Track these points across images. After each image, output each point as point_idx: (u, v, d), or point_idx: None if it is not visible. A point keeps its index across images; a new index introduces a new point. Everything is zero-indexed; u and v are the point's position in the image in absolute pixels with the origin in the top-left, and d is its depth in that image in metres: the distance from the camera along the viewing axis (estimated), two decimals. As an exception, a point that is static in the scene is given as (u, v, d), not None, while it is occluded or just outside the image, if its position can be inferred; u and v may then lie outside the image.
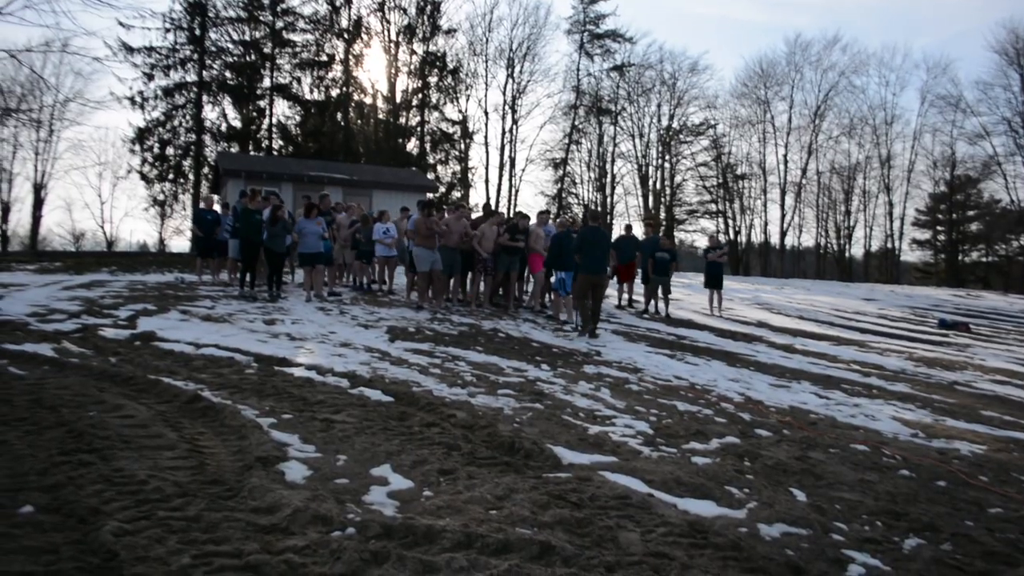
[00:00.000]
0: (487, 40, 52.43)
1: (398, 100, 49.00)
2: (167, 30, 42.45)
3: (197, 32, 43.09)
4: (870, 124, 56.24)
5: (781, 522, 4.08)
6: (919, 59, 75.21)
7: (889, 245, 56.73)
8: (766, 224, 57.97)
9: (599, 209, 50.20)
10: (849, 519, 4.25)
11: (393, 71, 49.07)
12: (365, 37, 48.18)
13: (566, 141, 54.71)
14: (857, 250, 59.14)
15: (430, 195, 29.85)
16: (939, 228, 58.39)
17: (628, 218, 55.23)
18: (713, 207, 57.69)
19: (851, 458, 5.61)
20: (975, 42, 76.54)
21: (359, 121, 47.74)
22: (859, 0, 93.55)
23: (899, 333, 17.40)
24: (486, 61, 52.32)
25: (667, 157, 57.08)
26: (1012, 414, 7.97)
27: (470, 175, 51.89)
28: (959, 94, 54.94)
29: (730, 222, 56.71)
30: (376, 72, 59.10)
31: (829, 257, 58.25)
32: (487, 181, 52.76)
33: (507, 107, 52.81)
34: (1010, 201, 54.65)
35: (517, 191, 53.81)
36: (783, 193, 56.14)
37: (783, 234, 56.02)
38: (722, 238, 44.91)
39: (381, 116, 48.40)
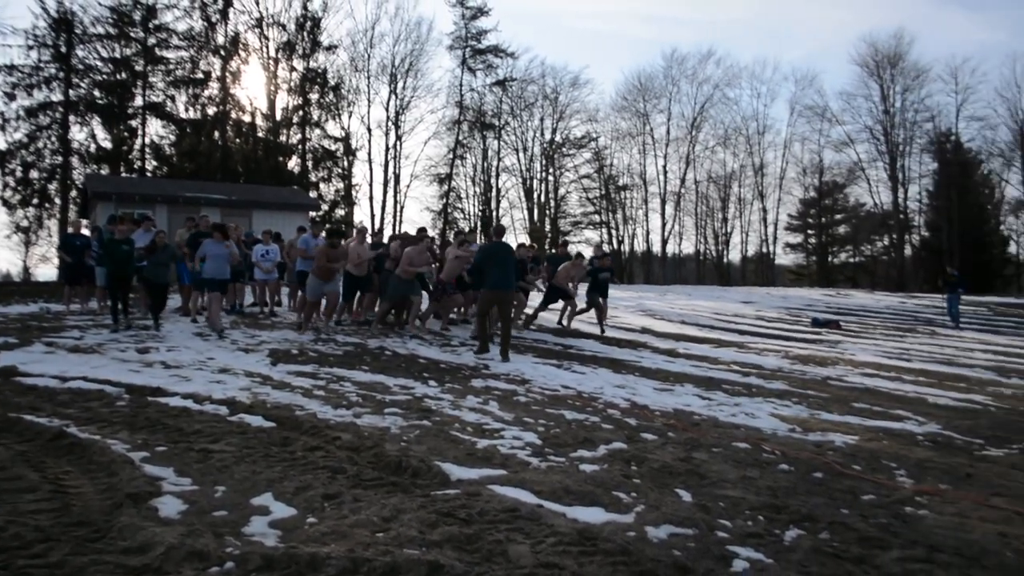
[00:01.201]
0: (369, 56, 52.10)
1: (278, 118, 48.16)
2: (30, 47, 40.49)
3: (63, 49, 41.08)
4: (744, 134, 58.96)
5: (668, 523, 4.19)
6: (788, 72, 79.94)
7: (764, 249, 59.44)
8: (648, 233, 59.78)
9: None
10: (733, 515, 4.41)
11: (272, 88, 48.23)
12: (243, 54, 47.21)
13: (451, 156, 54.90)
14: (734, 255, 61.77)
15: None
16: (810, 232, 61.63)
17: (514, 232, 55.77)
18: (597, 218, 59.07)
19: (733, 456, 5.83)
20: (839, 55, 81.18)
21: (237, 140, 46.51)
22: (731, 16, 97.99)
23: (775, 333, 18.21)
24: (368, 77, 51.99)
25: (551, 170, 58.13)
26: (881, 404, 8.46)
27: (354, 193, 51.34)
28: (825, 104, 58.44)
29: (613, 232, 58.14)
30: (255, 89, 57.82)
31: (708, 263, 60.51)
32: (371, 198, 52.34)
33: (390, 123, 52.59)
34: (874, 204, 58.34)
35: (402, 208, 53.67)
36: (663, 202, 58.06)
37: (664, 242, 57.87)
38: (606, 247, 45.91)
39: (260, 134, 47.35)
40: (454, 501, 4.36)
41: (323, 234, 13.94)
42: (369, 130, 55.59)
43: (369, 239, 14.61)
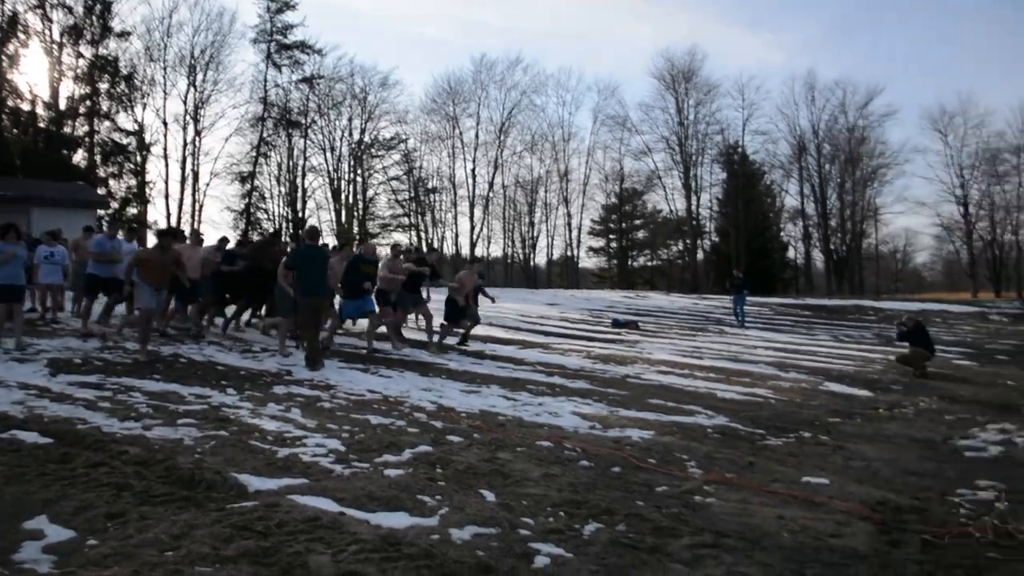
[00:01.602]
0: (165, 46, 49.17)
1: (62, 107, 44.45)
2: None
3: None
4: (550, 140, 60.82)
5: (472, 524, 4.23)
6: (591, 82, 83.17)
7: (569, 253, 61.58)
8: (457, 236, 60.30)
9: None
10: (535, 513, 4.51)
11: (56, 75, 44.50)
12: (22, 36, 43.09)
13: (254, 154, 52.86)
14: (541, 258, 63.53)
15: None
16: (611, 236, 64.55)
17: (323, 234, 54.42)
18: (406, 220, 58.91)
19: (536, 455, 5.97)
20: (639, 68, 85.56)
21: (15, 130, 42.46)
22: (539, 25, 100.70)
23: (579, 334, 18.88)
24: (165, 68, 49.10)
25: (359, 171, 57.34)
26: (674, 400, 8.97)
27: (148, 190, 48.26)
28: (626, 115, 61.33)
29: (423, 235, 58.20)
30: (36, 76, 52.92)
31: (516, 266, 61.92)
32: (167, 196, 49.40)
33: (189, 117, 49.91)
34: (669, 211, 61.98)
35: (201, 207, 50.99)
36: (472, 206, 58.82)
37: (473, 245, 58.57)
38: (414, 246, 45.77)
39: (42, 125, 43.50)
40: (251, 514, 4.19)
41: (123, 235, 12.92)
42: (165, 124, 52.37)
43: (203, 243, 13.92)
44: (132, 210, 46.00)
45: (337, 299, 12.56)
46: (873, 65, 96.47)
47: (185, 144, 49.92)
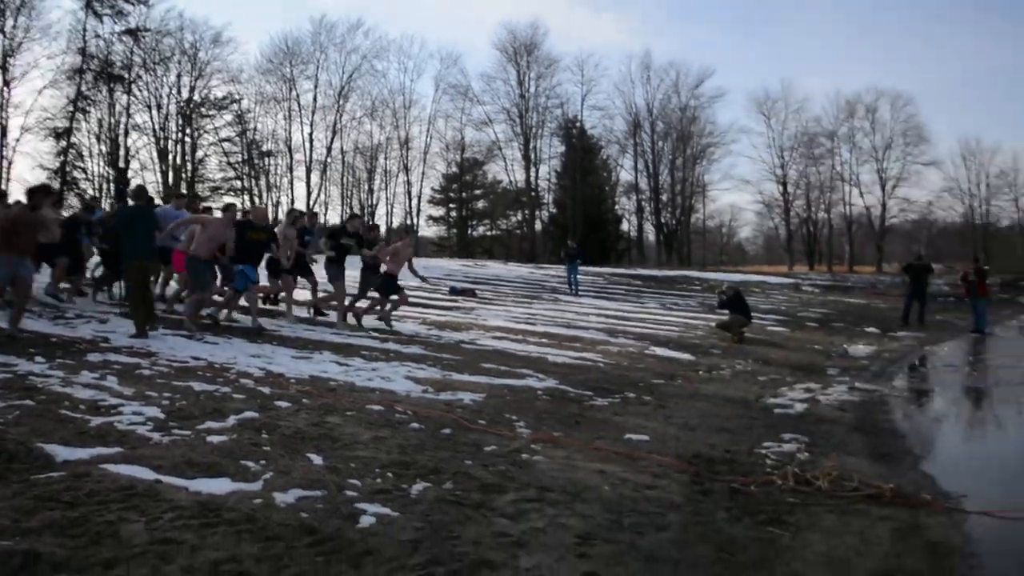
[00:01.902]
0: (-32, -13, 44.41)
1: None
2: None
3: None
4: (391, 107, 59.67)
5: (297, 488, 4.16)
6: (434, 49, 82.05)
7: (408, 221, 61.09)
8: (293, 201, 58.42)
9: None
10: (363, 475, 4.50)
11: None
12: None
13: (70, 109, 48.87)
14: (380, 226, 62.60)
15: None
16: (451, 206, 64.51)
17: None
18: (238, 184, 56.51)
19: (367, 418, 5.95)
20: (482, 39, 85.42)
21: None
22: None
23: (415, 301, 18.84)
24: (-34, 12, 44.37)
25: (188, 131, 54.30)
26: (507, 364, 9.15)
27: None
28: (468, 84, 60.99)
29: (256, 200, 56.07)
30: None
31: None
32: (-31, 153, 44.98)
33: (-5, 67, 45.47)
34: (509, 181, 62.50)
35: (10, 163, 46.80)
36: (309, 171, 57.13)
37: (311, 210, 56.99)
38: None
39: None
40: (58, 484, 3.95)
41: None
42: (-32, 73, 47.87)
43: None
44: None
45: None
46: (706, 49, 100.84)
47: (-10, 95, 45.69)
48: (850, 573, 3.62)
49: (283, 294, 12.91)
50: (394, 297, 12.83)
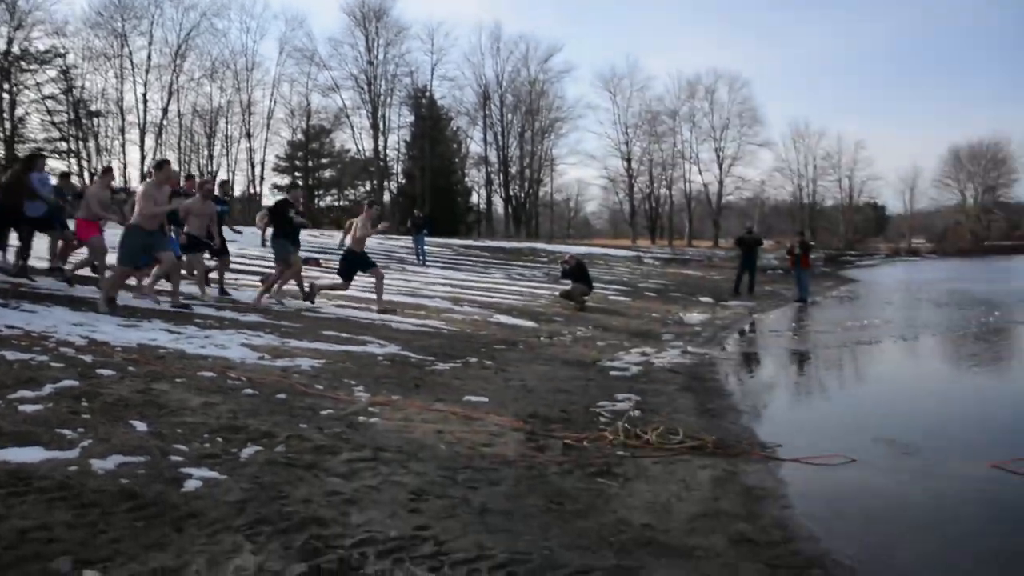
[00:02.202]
0: None
1: None
2: None
3: None
4: (232, 69, 57.18)
5: (118, 454, 3.97)
6: (278, 10, 79.05)
7: (251, 189, 59.03)
8: (125, 166, 55.11)
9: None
10: (190, 440, 4.34)
11: None
12: None
13: None
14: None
15: None
16: (297, 174, 62.74)
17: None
18: (64, 145, 52.67)
19: (197, 385, 5.73)
20: (329, 0, 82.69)
21: None
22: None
23: (257, 270, 18.27)
24: None
25: (6, 86, 50.02)
26: (348, 332, 9.03)
27: None
28: (314, 48, 59.25)
29: (84, 163, 52.54)
30: None
31: (189, 200, 58.13)
32: None
33: None
34: (357, 150, 61.43)
35: None
36: (143, 134, 54.01)
37: (143, 176, 53.98)
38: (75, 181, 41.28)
39: None
40: None
41: None
42: None
43: None
44: None
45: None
46: (556, 23, 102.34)
47: None
48: (671, 516, 3.82)
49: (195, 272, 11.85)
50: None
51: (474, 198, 65.78)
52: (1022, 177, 75.64)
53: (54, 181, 12.48)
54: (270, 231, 12.91)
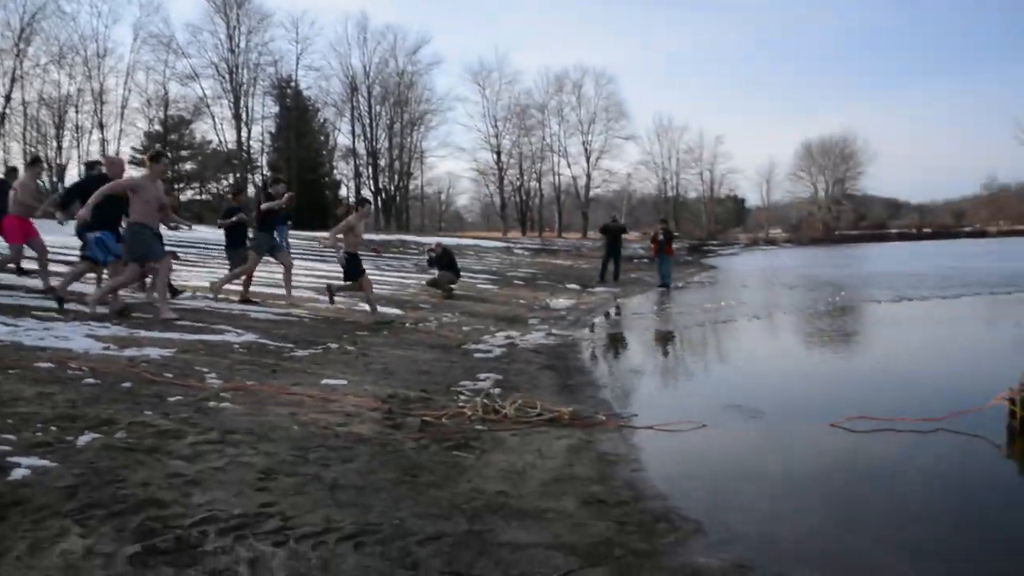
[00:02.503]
0: None
1: None
2: None
3: None
4: (82, 55, 53.93)
5: (-66, 446, 3.69)
6: (134, -7, 74.83)
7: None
8: (-41, 158, 51.36)
9: None
10: (21, 430, 4.07)
11: None
12: None
13: None
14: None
15: None
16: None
17: None
18: None
19: (33, 376, 5.38)
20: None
21: None
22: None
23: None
24: None
25: None
26: (203, 321, 8.69)
27: None
28: (172, 35, 56.47)
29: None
30: None
31: (43, 194, 54.74)
32: None
33: None
34: (219, 142, 59.22)
35: None
36: (-19, 123, 50.39)
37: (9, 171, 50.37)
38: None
39: None
40: None
41: None
42: None
43: None
44: None
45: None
46: (423, 15, 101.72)
47: None
48: (525, 483, 3.86)
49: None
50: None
51: (343, 191, 64.69)
52: (868, 170, 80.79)
53: None
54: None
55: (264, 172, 60.70)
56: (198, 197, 61.48)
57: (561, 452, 4.45)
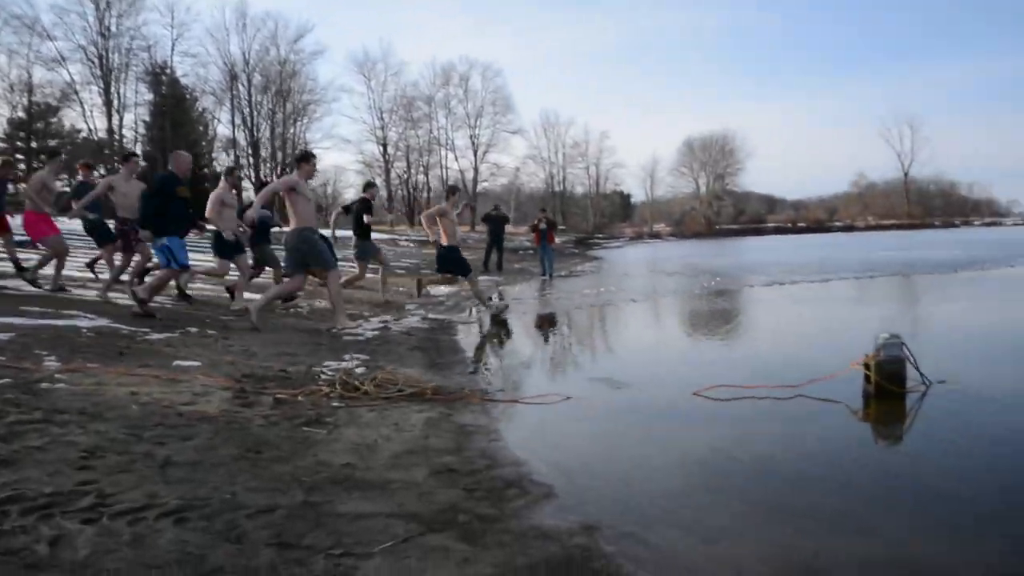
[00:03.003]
0: None
1: None
2: None
3: None
4: (-66, 37, 50.31)
5: None
6: (-12, -28, 70.25)
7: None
8: None
9: None
10: None
11: None
12: None
13: None
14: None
15: None
16: (19, 156, 56.60)
17: None
18: None
19: None
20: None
21: None
22: None
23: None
24: None
25: None
26: (53, 307, 8.12)
27: None
28: (35, 16, 53.09)
29: None
30: None
31: None
32: None
33: None
34: (89, 130, 56.30)
35: None
36: None
37: None
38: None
39: None
40: None
41: None
42: None
43: None
44: None
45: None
46: (306, 3, 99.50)
47: None
48: (376, 455, 3.69)
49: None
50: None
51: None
52: (747, 167, 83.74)
53: None
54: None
55: (140, 162, 58.08)
56: (67, 189, 58.37)
57: (419, 425, 4.29)
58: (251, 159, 60.17)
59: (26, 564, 2.34)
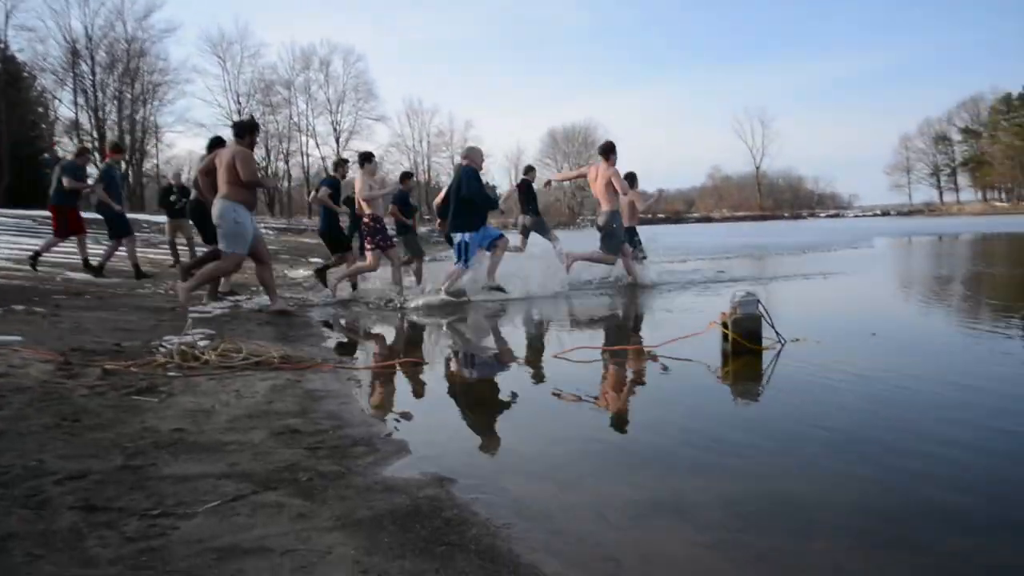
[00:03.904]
0: None
1: None
2: None
3: None
4: None
5: None
6: None
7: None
8: None
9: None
10: None
11: None
12: None
13: None
14: None
15: None
16: None
17: None
18: None
19: None
20: None
21: None
22: None
23: None
24: None
25: None
26: None
27: None
28: None
29: None
30: None
31: None
32: None
33: None
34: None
35: None
36: None
37: None
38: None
39: None
40: None
41: None
42: None
43: None
44: None
45: None
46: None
47: None
48: (210, 420, 3.41)
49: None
50: None
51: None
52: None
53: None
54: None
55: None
56: None
57: (263, 391, 4.02)
58: (97, 143, 56.44)
59: None
